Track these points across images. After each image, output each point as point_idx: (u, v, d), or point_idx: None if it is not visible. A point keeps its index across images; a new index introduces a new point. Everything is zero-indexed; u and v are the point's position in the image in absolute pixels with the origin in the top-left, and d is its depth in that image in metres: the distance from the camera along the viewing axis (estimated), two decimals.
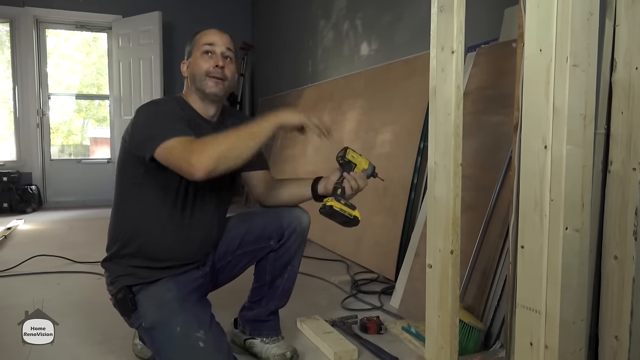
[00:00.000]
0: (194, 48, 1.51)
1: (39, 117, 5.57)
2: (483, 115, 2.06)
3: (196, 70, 1.47)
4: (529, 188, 1.13)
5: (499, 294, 1.70)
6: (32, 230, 4.18)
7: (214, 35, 1.50)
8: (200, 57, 1.48)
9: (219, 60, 1.47)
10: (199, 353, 1.29)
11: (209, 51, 1.48)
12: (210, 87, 1.46)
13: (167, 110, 1.40)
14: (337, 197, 1.45)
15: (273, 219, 1.59)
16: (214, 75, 1.46)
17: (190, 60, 1.51)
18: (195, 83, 1.48)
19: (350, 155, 1.52)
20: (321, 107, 4.00)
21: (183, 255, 1.49)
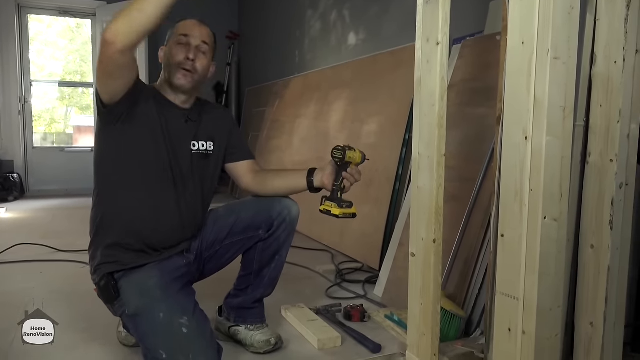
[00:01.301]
0: (171, 36, 1.52)
1: (20, 105, 5.48)
2: (467, 107, 2.09)
3: (170, 58, 1.49)
4: (509, 178, 1.16)
5: (480, 282, 1.74)
6: (14, 218, 4.13)
7: (192, 26, 1.50)
8: (174, 47, 1.48)
9: (191, 52, 1.47)
10: (182, 339, 1.30)
11: (183, 42, 1.48)
12: (179, 79, 1.48)
13: None
14: (338, 202, 1.50)
15: (263, 208, 1.60)
16: (184, 67, 1.47)
17: (166, 49, 1.52)
18: (166, 71, 1.51)
19: (349, 156, 1.52)
20: (308, 97, 4.00)
21: (163, 240, 1.49)
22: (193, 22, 1.52)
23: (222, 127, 1.65)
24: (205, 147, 1.58)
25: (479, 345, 1.59)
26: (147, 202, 1.47)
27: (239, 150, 1.68)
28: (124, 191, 1.46)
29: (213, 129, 1.61)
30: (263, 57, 5.54)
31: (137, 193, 1.46)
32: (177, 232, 1.53)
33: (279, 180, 1.65)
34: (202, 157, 1.58)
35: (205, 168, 1.59)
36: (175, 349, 1.29)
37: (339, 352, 1.64)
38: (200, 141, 1.57)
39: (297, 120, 4.05)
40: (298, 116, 4.05)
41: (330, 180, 1.52)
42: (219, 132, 1.63)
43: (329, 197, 1.51)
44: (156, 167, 1.47)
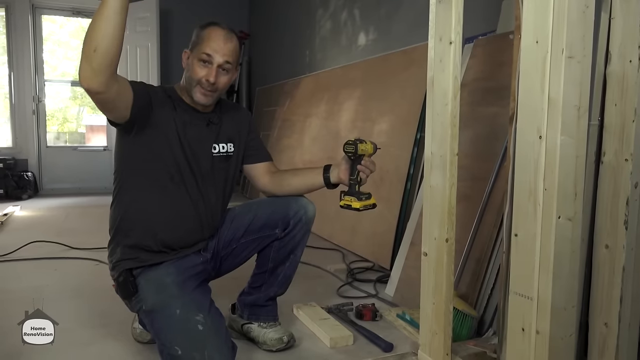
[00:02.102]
0: (196, 47, 1.47)
1: (34, 104, 5.55)
2: (479, 107, 2.08)
3: (191, 73, 1.47)
4: (523, 177, 1.16)
5: (493, 282, 1.74)
6: (28, 216, 4.19)
7: (217, 42, 1.45)
8: (196, 63, 1.46)
9: (212, 75, 1.45)
10: (197, 336, 1.31)
11: (206, 60, 1.45)
12: (198, 97, 1.48)
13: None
14: (357, 195, 1.51)
15: (279, 207, 1.61)
16: (204, 87, 1.46)
17: (190, 57, 1.50)
18: (187, 82, 1.50)
19: (361, 148, 1.53)
20: (318, 96, 4.01)
21: (182, 241, 1.52)
22: (220, 37, 1.46)
23: (242, 128, 1.65)
24: (225, 150, 1.59)
25: (491, 345, 1.59)
26: (167, 206, 1.49)
27: (258, 152, 1.70)
28: (144, 194, 1.48)
29: (233, 130, 1.62)
30: (273, 56, 5.55)
31: (157, 196, 1.48)
32: (196, 233, 1.55)
33: (296, 179, 1.65)
34: (223, 160, 1.59)
35: (226, 170, 1.60)
36: (191, 345, 1.31)
37: (350, 350, 1.65)
38: (221, 143, 1.58)
39: (307, 120, 4.06)
40: (309, 115, 4.06)
41: (347, 175, 1.54)
42: (238, 133, 1.64)
43: (347, 191, 1.53)
44: (175, 171, 1.48)
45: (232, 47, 1.48)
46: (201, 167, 1.53)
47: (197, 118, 1.53)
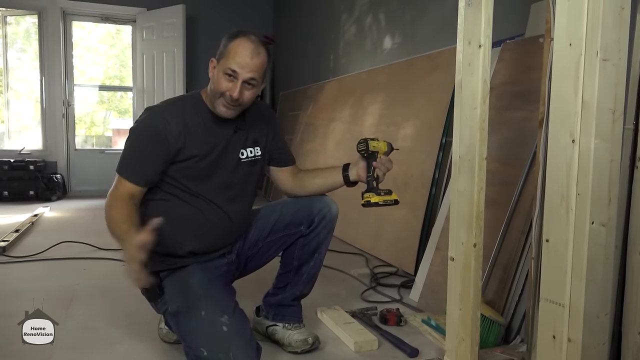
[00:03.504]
0: (223, 58, 1.44)
1: (64, 108, 5.69)
2: (507, 111, 2.06)
3: (216, 83, 1.46)
4: (555, 182, 1.14)
5: (521, 289, 1.71)
6: (57, 217, 4.29)
7: (244, 57, 1.41)
8: (221, 75, 1.43)
9: (236, 91, 1.42)
10: (222, 337, 1.32)
11: (231, 75, 1.42)
12: (221, 110, 1.47)
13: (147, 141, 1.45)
14: (375, 191, 1.53)
15: (303, 206, 1.63)
16: (227, 100, 1.45)
17: (216, 67, 1.47)
18: (212, 92, 1.49)
19: (372, 145, 1.57)
20: (342, 101, 4.01)
21: (209, 248, 1.54)
22: (246, 51, 1.41)
23: (267, 130, 1.66)
24: (252, 154, 1.59)
25: (519, 352, 1.56)
26: (196, 218, 1.51)
27: (283, 155, 1.71)
28: (172, 206, 1.50)
29: (258, 132, 1.62)
30: (297, 61, 5.58)
31: (186, 209, 1.50)
32: (223, 240, 1.58)
33: (317, 180, 1.67)
34: (250, 164, 1.59)
35: (252, 174, 1.62)
36: (216, 346, 1.32)
37: (375, 355, 1.64)
38: (249, 148, 1.59)
39: (331, 124, 4.07)
40: (332, 120, 4.07)
41: (364, 173, 1.56)
42: (263, 134, 1.64)
43: (367, 189, 1.55)
44: (205, 185, 1.50)
45: (259, 63, 1.44)
46: (230, 176, 1.54)
47: (224, 127, 1.52)
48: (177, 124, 1.45)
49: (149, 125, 1.45)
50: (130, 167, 1.44)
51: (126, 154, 1.47)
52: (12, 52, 5.88)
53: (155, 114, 1.47)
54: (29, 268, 2.64)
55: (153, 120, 1.45)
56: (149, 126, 1.45)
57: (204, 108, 1.52)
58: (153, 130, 1.44)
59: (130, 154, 1.46)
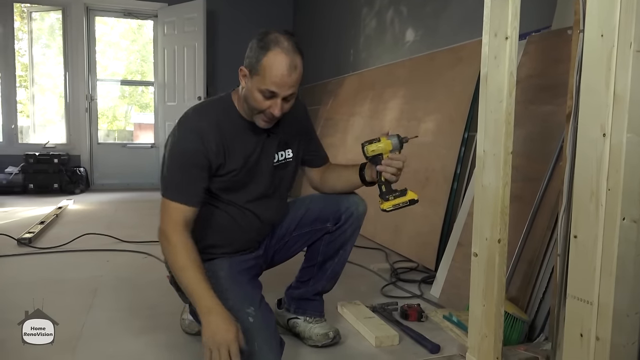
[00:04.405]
0: (257, 75, 1.33)
1: (87, 102, 5.77)
2: (532, 105, 2.02)
3: (250, 99, 1.38)
4: (584, 177, 1.11)
5: (545, 286, 1.68)
6: (81, 210, 4.36)
7: (282, 77, 1.31)
8: (257, 94, 1.35)
9: (277, 109, 1.36)
10: (248, 328, 1.32)
11: (270, 95, 1.35)
12: (260, 124, 1.43)
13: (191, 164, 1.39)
14: (385, 195, 1.47)
15: (331, 202, 1.62)
16: (268, 117, 1.39)
17: (248, 80, 1.37)
18: (246, 103, 1.42)
19: (370, 150, 1.48)
20: (363, 95, 3.99)
21: (238, 249, 1.56)
22: (283, 68, 1.31)
23: (301, 131, 1.61)
24: (284, 157, 1.56)
25: (543, 350, 1.54)
26: (229, 224, 1.51)
27: (315, 158, 1.69)
28: (206, 214, 1.48)
29: (291, 135, 1.57)
30: (317, 55, 5.56)
31: (220, 216, 1.49)
32: (255, 240, 1.60)
33: (336, 176, 1.65)
34: (282, 167, 1.57)
35: (286, 175, 1.60)
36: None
37: (396, 350, 1.63)
38: (280, 151, 1.56)
39: (351, 119, 4.05)
40: (352, 114, 4.05)
41: (376, 175, 1.50)
42: (296, 135, 1.59)
43: (379, 194, 1.49)
44: (240, 193, 1.50)
45: (297, 77, 1.35)
46: (263, 182, 1.53)
47: (258, 132, 1.48)
48: (216, 143, 1.41)
49: (190, 149, 1.39)
50: (180, 190, 1.39)
51: (172, 177, 1.41)
52: (37, 48, 5.99)
53: (194, 135, 1.40)
54: (54, 259, 2.69)
55: (193, 144, 1.39)
56: (190, 150, 1.39)
57: (236, 115, 1.47)
58: (195, 153, 1.39)
59: (177, 178, 1.40)
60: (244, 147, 1.47)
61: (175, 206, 1.37)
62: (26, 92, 6.03)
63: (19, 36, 6.03)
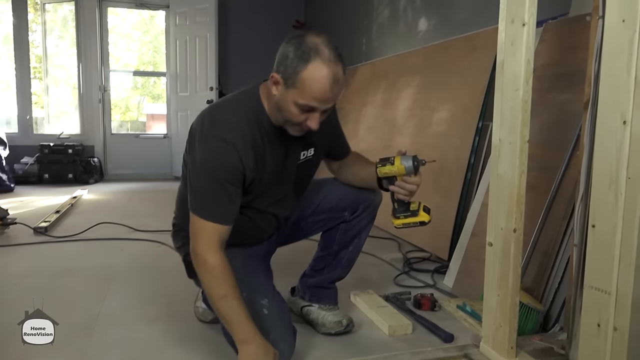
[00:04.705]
0: (294, 89, 1.22)
1: (100, 93, 5.81)
2: (548, 93, 1.99)
3: (285, 111, 1.28)
4: (603, 165, 1.09)
5: (561, 276, 1.66)
6: (95, 199, 4.41)
7: (324, 92, 1.21)
8: (295, 106, 1.24)
9: (315, 123, 1.27)
10: (263, 319, 1.34)
11: (309, 110, 1.25)
12: (293, 133, 1.34)
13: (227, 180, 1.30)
14: (397, 213, 1.44)
15: (349, 192, 1.61)
16: (304, 128, 1.31)
17: (283, 90, 1.26)
18: (279, 113, 1.31)
19: (382, 172, 1.42)
20: (375, 85, 3.96)
21: (255, 242, 1.55)
22: (325, 82, 1.20)
23: (328, 130, 1.51)
24: (305, 155, 1.50)
25: (558, 341, 1.53)
26: (247, 225, 1.46)
27: (340, 150, 1.65)
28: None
29: (318, 135, 1.44)
30: None
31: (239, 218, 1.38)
32: (271, 233, 1.59)
33: (356, 177, 1.60)
34: (305, 165, 1.52)
35: (307, 173, 1.56)
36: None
37: (409, 339, 1.63)
38: (303, 151, 1.49)
39: (363, 109, 4.03)
40: (365, 104, 4.03)
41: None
42: (323, 135, 1.49)
43: (392, 208, 1.45)
44: (263, 198, 1.45)
45: (340, 89, 1.25)
46: (286, 184, 1.49)
47: (286, 138, 1.38)
48: (249, 155, 1.32)
49: (226, 165, 1.29)
50: (216, 210, 1.30)
51: (207, 195, 1.31)
52: (51, 39, 6.03)
53: (231, 150, 1.29)
54: (70, 247, 2.73)
55: (230, 159, 1.29)
56: (227, 166, 1.29)
57: (267, 121, 1.36)
58: (232, 170, 1.30)
59: (213, 196, 1.30)
60: (275, 155, 1.40)
61: (211, 226, 1.29)
62: (40, 83, 6.09)
63: (32, 28, 6.08)
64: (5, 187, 4.66)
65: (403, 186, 1.40)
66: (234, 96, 1.41)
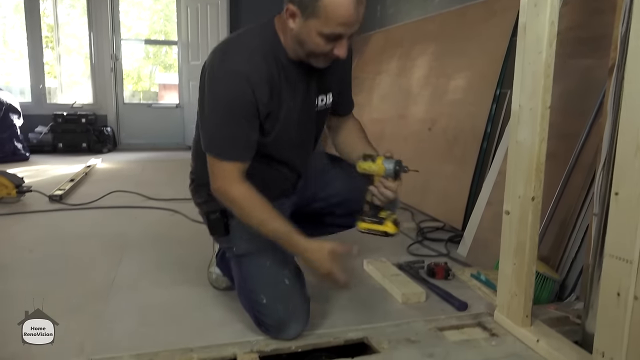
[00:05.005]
0: (316, 18, 1.15)
1: (112, 62, 5.77)
2: (571, 59, 1.92)
3: (309, 43, 1.21)
4: (629, 131, 1.05)
5: (578, 245, 1.64)
6: (108, 168, 4.43)
7: (349, 15, 1.14)
8: (319, 36, 1.18)
9: (342, 50, 1.20)
10: (283, 289, 1.35)
11: (335, 38, 1.19)
12: (318, 64, 1.28)
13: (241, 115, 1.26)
14: (364, 216, 1.37)
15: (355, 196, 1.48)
16: (330, 58, 1.25)
17: (301, 22, 1.19)
18: (299, 46, 1.24)
19: (362, 167, 1.35)
20: (389, 53, 3.88)
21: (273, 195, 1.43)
22: (349, 4, 1.13)
23: (343, 74, 1.49)
24: (324, 102, 1.44)
25: (574, 310, 1.52)
26: (263, 175, 1.40)
27: (346, 102, 1.57)
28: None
29: (334, 76, 1.42)
30: None
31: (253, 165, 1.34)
32: (287, 188, 1.54)
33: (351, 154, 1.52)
34: (322, 113, 1.46)
35: (323, 121, 1.51)
36: (276, 297, 1.34)
37: (423, 307, 1.62)
38: (321, 95, 1.42)
39: (377, 77, 3.96)
40: (378, 73, 3.95)
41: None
42: (338, 78, 1.46)
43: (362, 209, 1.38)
44: (279, 146, 1.40)
45: (363, 8, 1.17)
46: (303, 131, 1.44)
47: (303, 75, 1.33)
48: (263, 88, 1.26)
49: (239, 99, 1.24)
50: (232, 147, 1.27)
51: (221, 132, 1.28)
52: (62, 8, 5.98)
53: (243, 82, 1.23)
54: (84, 215, 2.75)
55: (243, 92, 1.23)
56: (239, 99, 1.24)
57: (284, 55, 1.29)
58: (245, 104, 1.25)
59: (227, 132, 1.27)
60: (292, 93, 1.33)
61: (228, 164, 1.28)
62: (52, 52, 6.06)
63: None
64: (20, 156, 4.70)
65: (382, 192, 1.32)
66: (248, 29, 1.34)
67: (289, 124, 1.37)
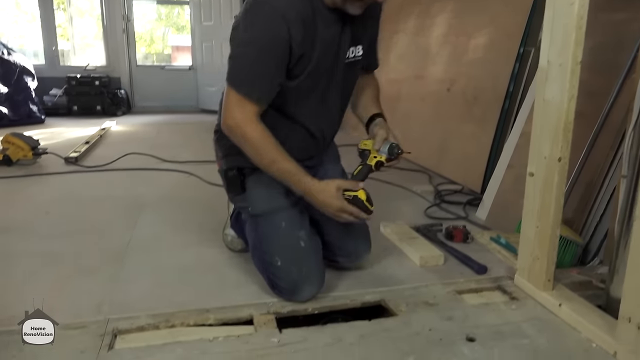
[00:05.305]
0: None
1: (124, 23, 5.68)
2: (602, 13, 1.81)
3: None
4: None
5: (603, 208, 1.58)
6: (123, 131, 4.43)
7: None
8: None
9: None
10: (298, 251, 1.33)
11: None
12: (354, 10, 1.25)
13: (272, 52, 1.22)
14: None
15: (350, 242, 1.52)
16: (366, 2, 1.23)
17: None
18: None
19: (363, 144, 1.43)
20: (407, 11, 3.74)
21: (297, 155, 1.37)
22: None
23: (372, 27, 1.45)
24: (354, 54, 1.39)
25: (597, 274, 1.48)
26: (290, 126, 1.38)
27: (372, 58, 1.52)
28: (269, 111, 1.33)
29: (363, 28, 1.38)
30: None
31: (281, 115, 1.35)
32: (312, 149, 1.48)
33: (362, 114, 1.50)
34: (352, 65, 1.41)
35: (353, 76, 1.45)
36: (291, 259, 1.33)
37: (441, 270, 1.60)
38: (352, 47, 1.38)
39: (394, 37, 3.83)
40: (396, 32, 3.82)
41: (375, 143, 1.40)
42: (367, 31, 1.42)
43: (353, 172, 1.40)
44: (305, 103, 1.37)
45: None
46: (334, 81, 1.38)
47: (336, 23, 1.30)
48: (298, 27, 1.22)
49: (271, 35, 1.21)
50: (253, 83, 1.25)
51: (245, 65, 1.25)
52: None
53: (278, 19, 1.19)
54: (100, 177, 2.76)
55: (276, 28, 1.20)
56: (271, 35, 1.21)
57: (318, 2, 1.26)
58: (278, 40, 1.21)
59: (253, 65, 1.24)
60: (325, 38, 1.28)
61: (248, 102, 1.25)
62: (64, 14, 5.98)
63: None
64: (36, 119, 4.71)
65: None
66: None
67: (319, 70, 1.32)
